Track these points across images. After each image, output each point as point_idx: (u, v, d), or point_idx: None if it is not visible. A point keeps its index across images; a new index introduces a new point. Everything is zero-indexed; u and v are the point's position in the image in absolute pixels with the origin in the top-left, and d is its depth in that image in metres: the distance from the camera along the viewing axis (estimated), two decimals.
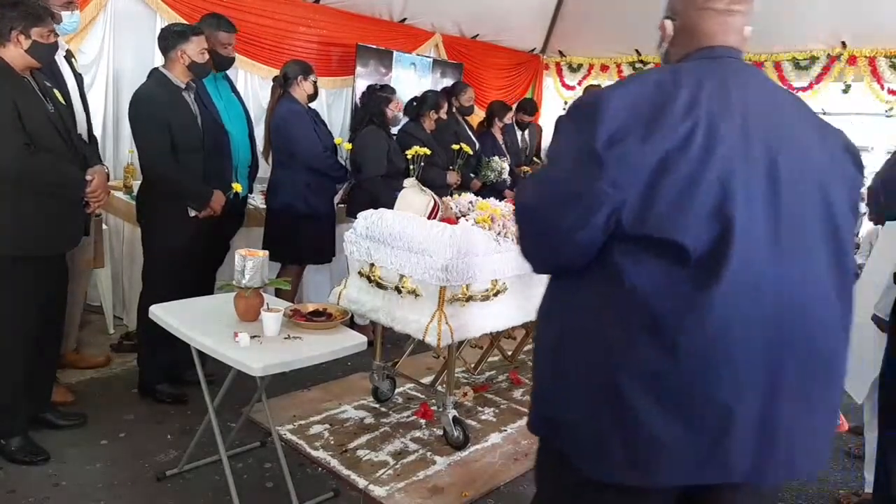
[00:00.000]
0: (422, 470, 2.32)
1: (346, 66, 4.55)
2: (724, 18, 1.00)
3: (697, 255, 0.88)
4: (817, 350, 0.96)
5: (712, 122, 0.91)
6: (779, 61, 4.75)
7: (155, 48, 3.67)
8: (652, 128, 0.90)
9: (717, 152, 0.90)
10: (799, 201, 0.95)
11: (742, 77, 0.99)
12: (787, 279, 0.93)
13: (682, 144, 0.89)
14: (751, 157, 0.92)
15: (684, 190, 0.89)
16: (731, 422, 0.91)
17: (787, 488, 2.47)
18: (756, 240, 0.91)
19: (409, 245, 2.32)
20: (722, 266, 0.88)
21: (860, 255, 4.63)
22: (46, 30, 1.99)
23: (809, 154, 0.98)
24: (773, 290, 0.92)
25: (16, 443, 2.11)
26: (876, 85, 4.41)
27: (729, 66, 0.99)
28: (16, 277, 2.03)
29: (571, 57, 6.07)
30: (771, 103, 0.99)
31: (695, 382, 0.90)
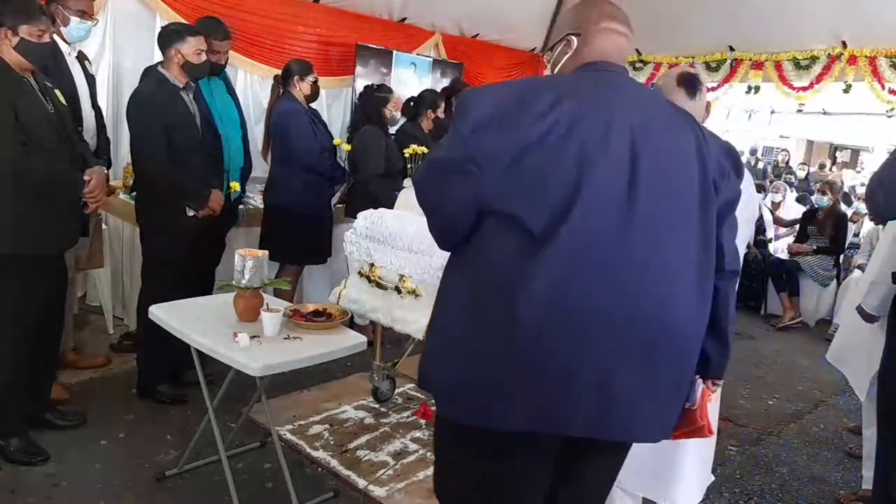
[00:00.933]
0: (422, 470, 2.32)
1: (345, 66, 4.54)
2: (615, 38, 1.17)
3: (539, 231, 1.02)
4: (666, 327, 1.07)
5: (575, 121, 1.05)
6: (779, 61, 4.75)
7: (155, 48, 3.66)
8: (513, 120, 1.05)
9: (575, 146, 1.03)
10: (658, 195, 1.06)
11: (618, 86, 1.13)
12: (635, 260, 1.05)
13: (541, 136, 1.03)
14: (610, 154, 1.04)
15: (538, 174, 1.03)
16: (566, 382, 1.04)
17: (787, 488, 2.48)
18: (602, 223, 1.03)
19: (409, 245, 2.32)
20: (557, 241, 1.01)
21: (860, 254, 4.64)
22: (37, 28, 1.96)
23: (677, 156, 1.10)
24: (618, 268, 1.04)
25: (15, 443, 2.11)
26: (877, 85, 4.40)
27: (608, 77, 1.14)
28: (13, 276, 2.02)
29: None
30: (642, 111, 1.11)
31: (534, 345, 1.03)
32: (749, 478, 2.52)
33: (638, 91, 1.19)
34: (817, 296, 4.88)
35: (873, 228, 4.44)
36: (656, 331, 1.07)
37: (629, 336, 1.05)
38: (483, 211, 1.06)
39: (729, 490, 2.40)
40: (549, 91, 1.09)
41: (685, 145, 1.11)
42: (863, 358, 2.32)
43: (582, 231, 1.02)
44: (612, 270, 1.04)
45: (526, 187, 1.02)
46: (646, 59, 5.47)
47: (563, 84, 1.14)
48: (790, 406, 3.29)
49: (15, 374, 2.09)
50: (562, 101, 1.06)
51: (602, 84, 1.12)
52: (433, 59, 5.15)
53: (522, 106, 1.06)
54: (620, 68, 1.17)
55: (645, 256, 1.05)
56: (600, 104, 1.08)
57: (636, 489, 1.69)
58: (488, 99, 1.10)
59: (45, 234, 2.06)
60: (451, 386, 1.12)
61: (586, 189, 1.02)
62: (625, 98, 1.11)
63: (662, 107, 1.18)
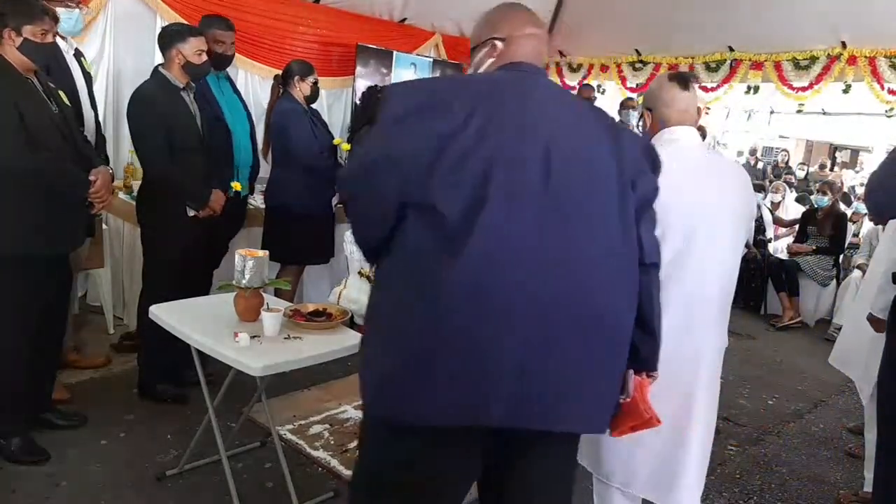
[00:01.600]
0: None
1: (346, 67, 4.55)
2: (535, 42, 1.24)
3: (453, 221, 1.03)
4: (589, 317, 1.09)
5: (491, 115, 1.08)
6: (779, 61, 4.75)
7: (155, 48, 3.67)
8: (431, 113, 1.08)
9: (490, 138, 1.06)
10: (573, 191, 1.10)
11: (535, 87, 1.17)
12: (555, 253, 1.07)
13: (458, 128, 1.06)
14: (525, 146, 1.08)
15: (455, 166, 1.04)
16: (487, 373, 1.05)
17: (787, 488, 2.48)
18: (517, 213, 1.06)
19: None
20: (473, 233, 1.03)
21: (860, 254, 4.64)
22: (40, 29, 1.96)
23: (591, 154, 1.14)
24: (538, 260, 1.06)
25: (16, 443, 2.11)
26: (876, 85, 4.40)
27: (527, 78, 1.18)
28: (17, 277, 2.02)
29: (571, 57, 6.06)
30: (557, 110, 1.16)
31: (455, 336, 1.04)
32: (749, 477, 2.52)
33: (555, 92, 1.23)
34: (817, 296, 4.88)
35: (873, 228, 4.44)
36: (579, 321, 1.09)
37: (551, 325, 1.07)
38: (405, 203, 1.07)
39: (728, 490, 2.40)
40: (468, 88, 1.15)
41: (599, 144, 1.15)
42: (865, 360, 2.32)
43: (499, 225, 1.04)
44: (532, 263, 1.06)
45: (445, 179, 1.04)
46: (645, 59, 5.47)
47: (483, 83, 1.19)
48: (790, 406, 3.29)
49: (16, 374, 2.09)
50: (480, 99, 1.10)
51: (520, 84, 1.16)
52: (433, 59, 5.16)
53: (444, 102, 1.09)
54: (539, 69, 1.23)
55: (564, 250, 1.08)
56: (517, 103, 1.12)
57: (639, 492, 1.69)
58: (411, 93, 1.15)
59: (50, 235, 2.06)
60: (376, 384, 1.12)
61: (501, 183, 1.05)
62: (541, 98, 1.16)
63: (578, 107, 1.23)
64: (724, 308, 1.65)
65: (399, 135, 1.08)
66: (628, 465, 1.65)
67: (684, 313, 1.56)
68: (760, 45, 4.79)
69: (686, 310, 1.56)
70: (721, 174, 1.64)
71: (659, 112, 1.64)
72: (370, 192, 1.10)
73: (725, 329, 1.69)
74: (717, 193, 1.59)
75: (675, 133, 1.61)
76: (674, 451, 1.64)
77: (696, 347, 1.60)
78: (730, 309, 1.68)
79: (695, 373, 1.61)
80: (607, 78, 5.83)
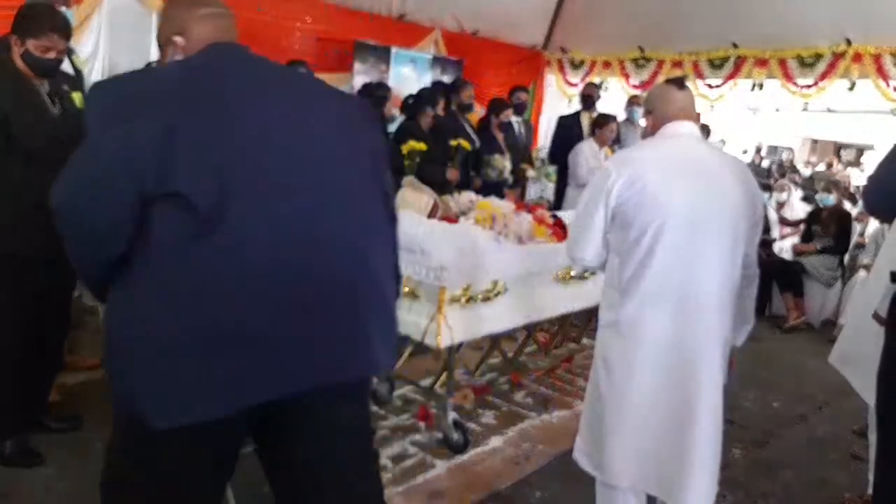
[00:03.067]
0: (421, 474, 2.29)
1: (343, 63, 4.51)
2: (216, 21, 1.22)
3: (203, 207, 1.02)
4: (344, 282, 1.13)
5: (198, 100, 1.09)
6: (784, 59, 4.71)
7: (151, 46, 3.64)
8: (147, 104, 1.06)
9: (205, 123, 1.06)
10: (311, 156, 1.13)
11: (244, 63, 1.19)
12: (303, 222, 1.09)
13: (181, 114, 1.05)
14: (248, 130, 1.09)
15: (189, 152, 1.03)
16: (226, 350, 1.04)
17: (792, 491, 2.44)
18: (268, 189, 1.07)
19: (408, 245, 2.28)
20: (224, 216, 1.03)
21: (866, 254, 4.60)
22: (42, 45, 1.99)
23: (310, 114, 1.17)
24: (280, 233, 1.07)
25: (10, 446, 2.09)
26: (881, 82, 4.35)
27: (231, 53, 1.19)
28: (16, 278, 2.01)
29: (574, 53, 6.02)
30: (267, 83, 1.19)
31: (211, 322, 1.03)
32: (753, 480, 2.48)
33: (265, 67, 1.24)
34: (822, 296, 4.84)
35: (878, 228, 4.39)
36: (337, 285, 1.12)
37: (303, 295, 1.08)
38: (148, 198, 1.03)
39: (733, 493, 2.37)
40: (173, 78, 1.14)
41: (324, 112, 1.20)
42: (868, 360, 2.28)
43: (244, 212, 1.05)
44: (280, 239, 1.07)
45: (182, 167, 1.03)
46: (649, 56, 5.42)
47: (187, 70, 1.17)
48: (795, 408, 3.25)
49: (14, 375, 2.07)
50: (185, 87, 1.10)
51: (228, 65, 1.17)
52: (433, 55, 5.11)
53: (155, 90, 1.10)
54: (234, 46, 1.22)
55: (308, 219, 1.10)
56: (223, 85, 1.13)
57: (647, 489, 1.67)
58: (114, 91, 1.13)
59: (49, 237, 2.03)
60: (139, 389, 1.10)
61: (233, 165, 1.06)
62: (253, 77, 1.17)
63: (290, 77, 1.32)
64: (725, 306, 1.62)
65: (118, 134, 1.04)
66: (633, 467, 1.62)
67: (682, 311, 1.56)
68: (765, 42, 4.75)
69: (683, 308, 1.56)
70: (722, 170, 1.63)
71: (658, 112, 1.68)
72: (103, 203, 1.05)
73: (728, 327, 1.65)
74: (717, 189, 1.59)
75: (676, 128, 1.64)
76: (684, 452, 1.60)
77: (694, 346, 1.58)
78: (733, 306, 1.65)
79: (694, 373, 1.59)
80: (610, 75, 5.79)
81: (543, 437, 2.66)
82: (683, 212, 1.54)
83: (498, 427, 2.70)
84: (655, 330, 1.56)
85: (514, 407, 2.91)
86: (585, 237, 1.64)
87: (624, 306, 1.58)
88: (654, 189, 1.53)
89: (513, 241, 2.51)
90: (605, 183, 1.57)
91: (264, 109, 1.13)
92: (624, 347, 1.59)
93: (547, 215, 2.93)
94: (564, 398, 3.05)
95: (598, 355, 1.67)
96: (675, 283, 1.55)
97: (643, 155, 1.65)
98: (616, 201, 1.55)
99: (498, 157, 4.10)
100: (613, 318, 1.61)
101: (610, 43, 5.64)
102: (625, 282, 1.58)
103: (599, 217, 1.59)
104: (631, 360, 1.58)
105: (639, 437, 1.60)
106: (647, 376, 1.57)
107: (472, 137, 4.08)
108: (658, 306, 1.56)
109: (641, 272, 1.55)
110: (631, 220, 1.54)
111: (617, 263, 1.60)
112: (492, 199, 2.85)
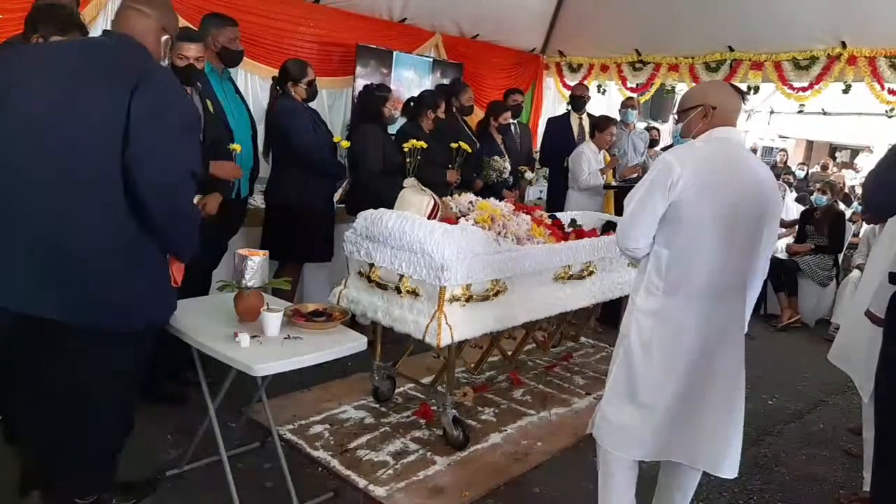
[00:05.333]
0: (422, 470, 2.33)
1: (346, 67, 4.55)
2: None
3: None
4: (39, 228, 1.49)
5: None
6: (779, 61, 4.75)
7: None
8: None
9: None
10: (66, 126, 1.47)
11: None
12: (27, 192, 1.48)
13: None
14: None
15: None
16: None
17: (787, 488, 2.48)
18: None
19: (409, 245, 2.32)
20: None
21: (858, 254, 4.64)
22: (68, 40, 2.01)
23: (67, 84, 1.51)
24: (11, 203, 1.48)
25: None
26: (876, 85, 4.40)
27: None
28: None
29: (572, 57, 6.06)
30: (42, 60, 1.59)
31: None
32: (749, 477, 2.52)
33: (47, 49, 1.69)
34: (817, 295, 4.88)
35: (870, 227, 4.44)
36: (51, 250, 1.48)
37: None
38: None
39: (729, 490, 2.40)
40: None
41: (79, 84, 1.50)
42: (865, 358, 2.32)
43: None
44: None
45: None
46: (645, 59, 5.47)
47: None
48: (790, 406, 3.29)
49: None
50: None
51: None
52: (433, 59, 5.16)
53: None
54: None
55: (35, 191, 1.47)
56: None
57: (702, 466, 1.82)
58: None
59: None
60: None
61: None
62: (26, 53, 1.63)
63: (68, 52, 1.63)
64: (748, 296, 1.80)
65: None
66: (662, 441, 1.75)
67: (718, 302, 1.70)
68: (760, 45, 4.79)
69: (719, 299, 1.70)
70: (760, 174, 1.76)
71: (720, 113, 1.76)
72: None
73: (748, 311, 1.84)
74: (758, 192, 1.72)
75: (729, 132, 1.76)
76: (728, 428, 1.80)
77: (722, 330, 1.73)
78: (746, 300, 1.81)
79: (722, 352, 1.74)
80: (608, 78, 5.83)
81: (542, 434, 2.70)
82: (732, 212, 1.66)
83: (497, 424, 2.74)
84: (697, 318, 1.69)
85: (514, 404, 2.95)
86: (643, 227, 1.71)
87: (670, 296, 1.69)
88: (712, 189, 1.64)
89: (512, 241, 2.55)
90: (668, 176, 1.64)
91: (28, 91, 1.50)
92: (666, 333, 1.70)
93: (545, 216, 2.97)
94: (563, 396, 3.09)
95: (635, 339, 1.74)
96: (717, 277, 1.68)
97: (702, 155, 1.71)
98: (678, 196, 1.64)
99: (497, 159, 4.14)
100: (656, 306, 1.71)
101: (607, 46, 5.68)
102: (673, 273, 1.69)
103: (659, 208, 1.67)
104: (675, 345, 1.70)
105: (671, 413, 1.72)
106: (684, 360, 1.70)
107: (472, 139, 4.12)
108: (701, 297, 1.68)
109: (690, 265, 1.67)
110: (685, 215, 1.64)
111: (665, 255, 1.69)
112: (491, 200, 2.89)
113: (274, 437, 2.03)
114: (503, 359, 3.16)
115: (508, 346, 3.14)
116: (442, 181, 3.63)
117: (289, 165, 3.12)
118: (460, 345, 2.52)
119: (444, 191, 3.50)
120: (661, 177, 1.66)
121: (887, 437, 1.84)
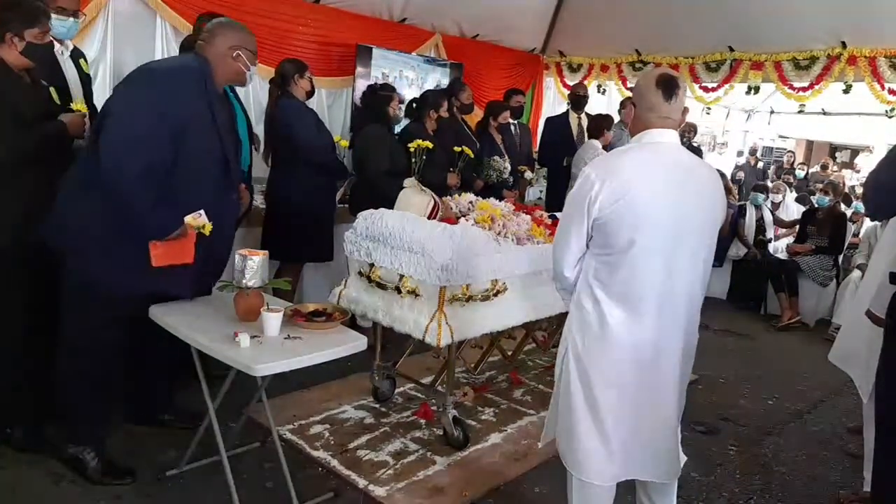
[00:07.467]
0: (422, 470, 2.32)
1: (345, 67, 4.55)
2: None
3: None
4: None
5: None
6: (779, 61, 4.75)
7: (155, 48, 3.68)
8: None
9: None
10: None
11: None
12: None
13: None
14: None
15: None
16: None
17: (787, 488, 2.48)
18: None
19: (409, 245, 2.32)
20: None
21: (859, 254, 4.64)
22: (40, 31, 2.03)
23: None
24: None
25: (19, 432, 2.13)
26: (876, 85, 4.40)
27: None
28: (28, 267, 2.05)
29: (571, 57, 6.07)
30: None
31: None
32: (749, 478, 2.52)
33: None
34: (817, 296, 4.88)
35: (872, 227, 4.44)
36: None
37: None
38: None
39: (729, 490, 2.40)
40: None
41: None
42: (865, 358, 2.32)
43: None
44: None
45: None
46: (646, 59, 5.47)
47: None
48: (790, 406, 3.28)
49: (26, 361, 2.11)
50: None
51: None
52: (433, 59, 5.16)
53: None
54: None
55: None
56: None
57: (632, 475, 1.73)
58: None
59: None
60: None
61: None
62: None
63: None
64: (694, 306, 1.69)
65: None
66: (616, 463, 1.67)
67: (661, 314, 1.61)
68: (760, 45, 4.79)
69: (662, 311, 1.61)
70: (698, 177, 1.67)
71: (642, 116, 1.67)
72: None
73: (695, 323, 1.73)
74: (696, 198, 1.63)
75: (656, 136, 1.64)
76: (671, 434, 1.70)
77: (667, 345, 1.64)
78: (699, 308, 1.72)
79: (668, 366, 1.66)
80: (608, 78, 5.84)
81: (542, 433, 2.69)
82: (668, 223, 1.57)
83: (497, 424, 2.74)
84: (641, 331, 1.60)
85: (514, 404, 2.94)
86: (569, 253, 1.64)
87: (610, 311, 1.60)
88: (642, 201, 1.55)
89: (512, 241, 2.55)
90: (587, 194, 1.56)
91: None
92: (605, 350, 1.62)
93: (545, 216, 2.97)
94: None
95: (573, 356, 1.65)
96: (658, 289, 1.59)
97: (626, 164, 1.62)
98: (599, 213, 1.55)
99: (497, 159, 4.14)
100: (595, 320, 1.61)
101: (607, 47, 5.69)
102: (610, 287, 1.60)
103: (584, 228, 1.59)
104: (614, 361, 1.61)
105: (618, 432, 1.63)
106: (627, 376, 1.62)
107: (472, 140, 4.12)
108: (642, 310, 1.60)
109: (627, 279, 1.59)
110: (617, 230, 1.56)
111: (601, 269, 1.61)
112: (491, 200, 2.89)
113: (274, 437, 2.03)
114: (503, 359, 3.15)
115: (508, 346, 3.13)
116: (442, 184, 3.63)
117: (290, 165, 3.12)
118: (460, 345, 2.51)
119: (444, 191, 3.50)
120: (579, 196, 1.58)
121: (888, 437, 1.84)
